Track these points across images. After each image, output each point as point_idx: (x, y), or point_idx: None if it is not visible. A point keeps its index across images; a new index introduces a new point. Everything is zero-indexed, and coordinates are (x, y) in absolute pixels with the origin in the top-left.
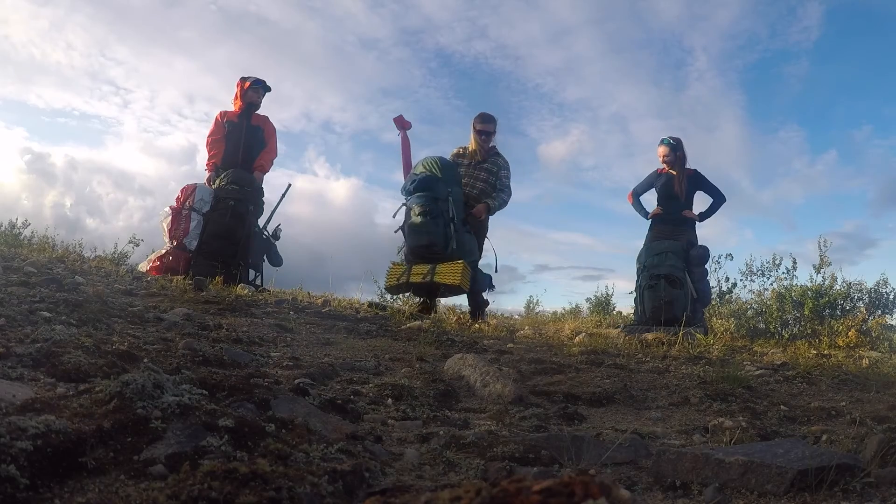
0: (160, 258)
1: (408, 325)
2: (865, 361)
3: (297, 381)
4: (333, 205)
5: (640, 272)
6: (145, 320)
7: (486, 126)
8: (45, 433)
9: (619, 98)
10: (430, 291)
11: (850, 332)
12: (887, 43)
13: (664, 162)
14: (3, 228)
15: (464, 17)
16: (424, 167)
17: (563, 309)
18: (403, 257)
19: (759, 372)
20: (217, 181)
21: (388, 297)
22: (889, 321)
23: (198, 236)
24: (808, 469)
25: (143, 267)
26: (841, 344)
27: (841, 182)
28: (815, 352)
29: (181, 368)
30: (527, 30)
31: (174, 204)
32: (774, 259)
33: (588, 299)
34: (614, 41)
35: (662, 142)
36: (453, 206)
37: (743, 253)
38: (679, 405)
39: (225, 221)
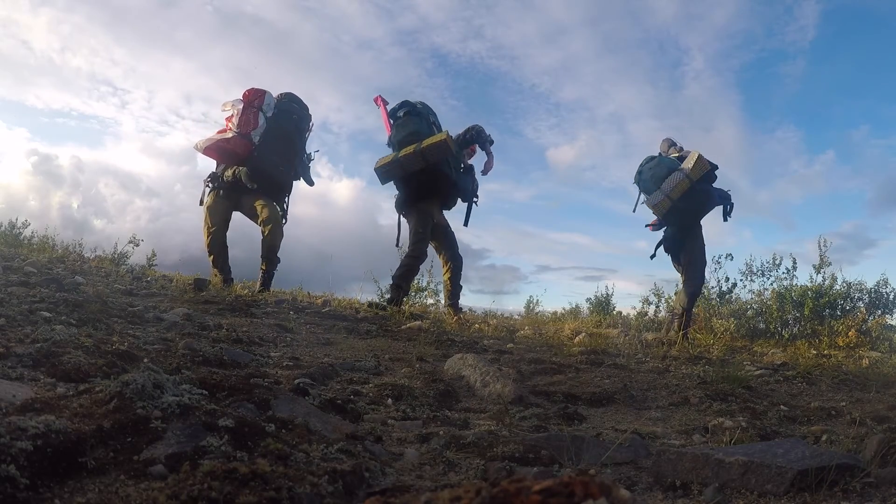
0: (223, 141)
1: (408, 325)
2: (865, 361)
3: (297, 381)
4: (337, 205)
5: None
6: (145, 320)
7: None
8: (45, 433)
9: (616, 98)
10: (421, 162)
11: (850, 332)
12: (884, 42)
13: None
14: (3, 228)
15: (459, 17)
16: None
17: (563, 309)
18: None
19: (759, 372)
20: (276, 99)
21: (387, 296)
22: (889, 321)
23: (261, 134)
24: (808, 469)
25: (200, 146)
26: (841, 344)
27: (839, 182)
28: (815, 352)
29: (181, 368)
30: (522, 30)
31: (240, 98)
32: (774, 259)
33: (588, 299)
34: (610, 41)
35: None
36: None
37: (742, 253)
38: (679, 405)
39: (289, 128)
